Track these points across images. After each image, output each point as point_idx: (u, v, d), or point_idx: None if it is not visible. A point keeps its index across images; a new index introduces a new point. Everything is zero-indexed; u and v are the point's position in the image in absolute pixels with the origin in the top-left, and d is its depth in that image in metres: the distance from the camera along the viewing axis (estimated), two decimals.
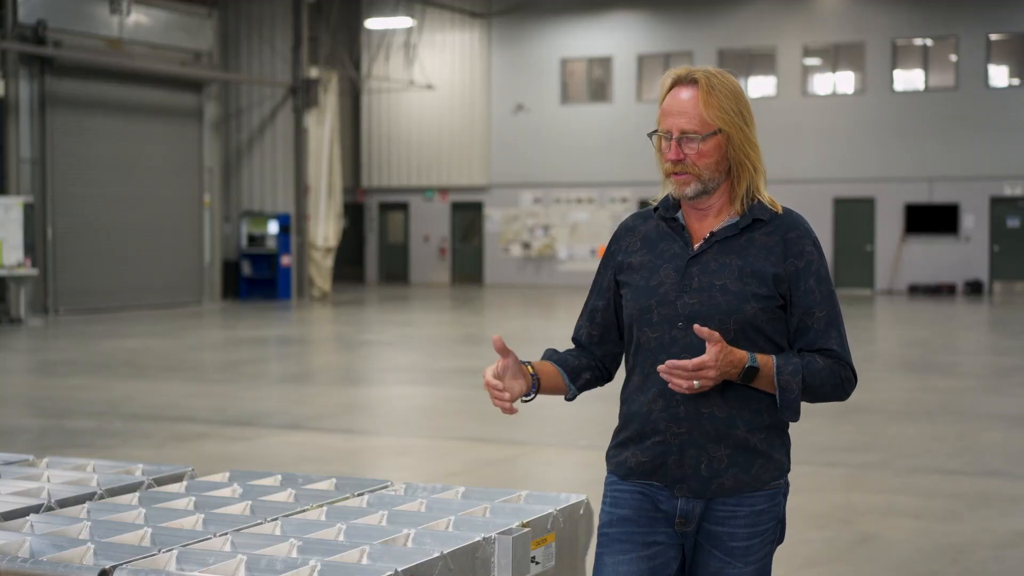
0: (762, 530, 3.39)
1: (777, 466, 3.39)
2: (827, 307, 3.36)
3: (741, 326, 3.29)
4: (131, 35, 28.41)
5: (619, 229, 3.56)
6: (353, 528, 3.75)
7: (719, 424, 3.30)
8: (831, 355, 3.34)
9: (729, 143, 3.33)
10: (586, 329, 3.57)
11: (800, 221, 3.42)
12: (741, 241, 3.35)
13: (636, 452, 3.38)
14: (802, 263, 3.36)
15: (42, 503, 4.10)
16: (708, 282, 3.31)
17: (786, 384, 3.27)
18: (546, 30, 37.21)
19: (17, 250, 24.65)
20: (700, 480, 3.32)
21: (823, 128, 34.55)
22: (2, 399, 14.42)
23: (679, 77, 3.39)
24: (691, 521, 3.35)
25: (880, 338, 22.61)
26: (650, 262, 3.41)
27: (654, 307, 3.35)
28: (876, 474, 9.81)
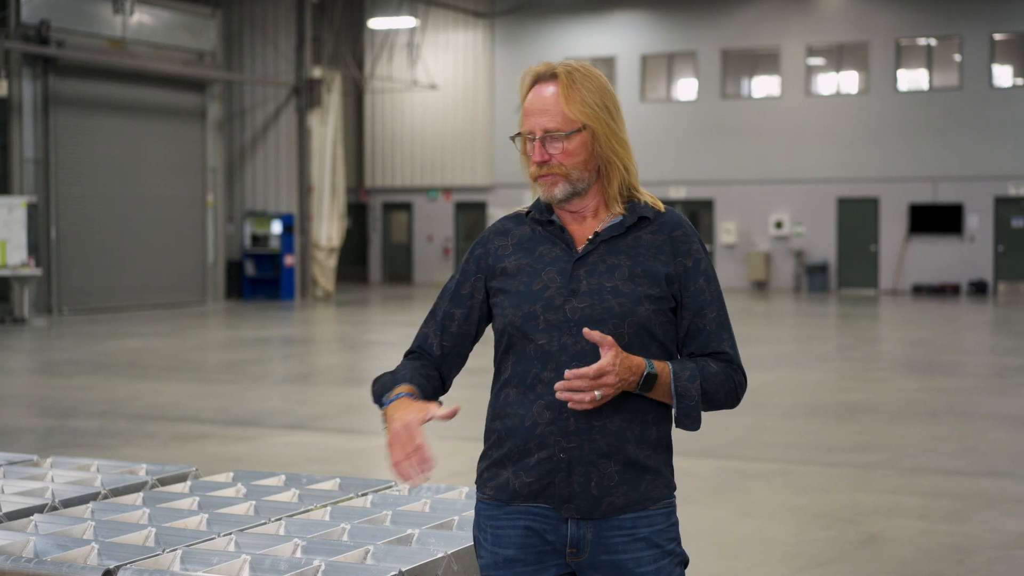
0: (668, 550, 3.11)
1: (666, 483, 3.14)
2: (717, 308, 3.17)
3: (635, 330, 3.06)
4: (134, 35, 28.41)
5: (487, 232, 3.28)
6: (357, 528, 3.75)
7: (611, 438, 3.04)
8: (724, 359, 3.16)
9: (595, 140, 3.10)
10: (436, 339, 3.25)
11: (684, 220, 3.21)
12: (628, 240, 3.14)
13: (519, 472, 3.08)
14: (690, 262, 3.15)
15: (46, 503, 4.10)
16: (598, 284, 3.08)
17: (684, 391, 3.05)
18: (549, 30, 37.21)
19: (21, 250, 24.66)
20: (589, 499, 3.04)
21: (827, 128, 34.53)
22: (6, 399, 14.43)
23: (539, 74, 3.13)
24: (583, 550, 3.07)
25: (884, 338, 22.59)
26: (528, 266, 3.15)
27: (539, 312, 3.08)
28: (880, 474, 9.80)
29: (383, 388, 3.17)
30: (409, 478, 3.00)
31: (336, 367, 18.21)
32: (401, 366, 3.24)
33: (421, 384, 3.17)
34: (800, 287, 34.68)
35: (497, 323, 3.17)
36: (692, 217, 36.06)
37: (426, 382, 3.19)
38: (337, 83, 33.14)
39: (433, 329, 3.26)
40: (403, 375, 3.18)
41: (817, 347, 20.01)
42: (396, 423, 3.01)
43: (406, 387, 3.12)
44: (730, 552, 7.51)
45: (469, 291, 3.24)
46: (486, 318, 3.25)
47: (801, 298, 32.25)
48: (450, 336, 3.24)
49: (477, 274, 3.23)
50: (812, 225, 34.74)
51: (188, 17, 30.05)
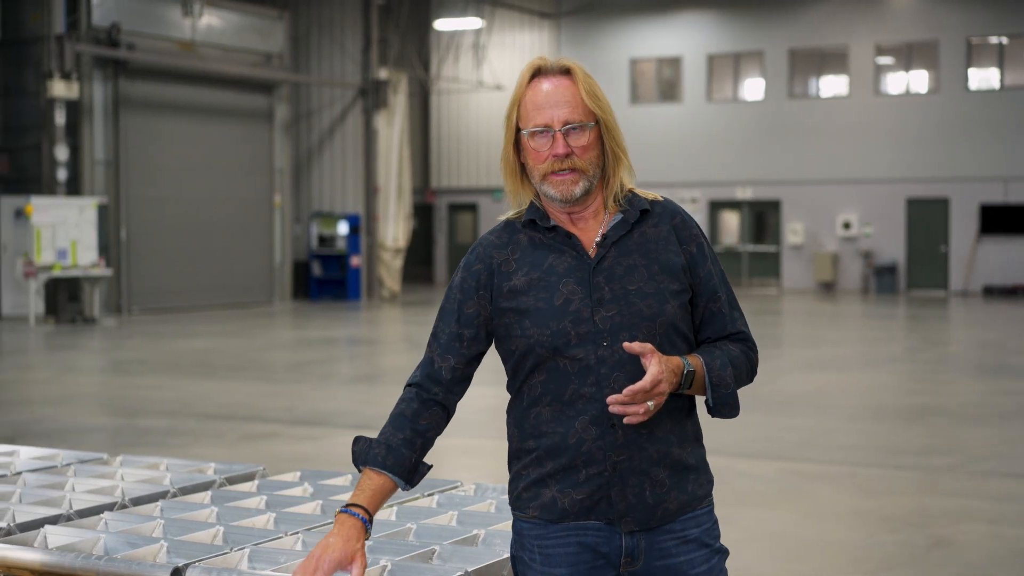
0: (717, 548, 3.08)
1: (707, 479, 3.11)
2: (725, 288, 3.11)
3: (665, 330, 2.99)
4: (203, 37, 28.66)
5: (480, 248, 3.15)
6: (423, 528, 3.76)
7: (659, 444, 2.98)
8: (739, 338, 3.11)
9: (607, 133, 3.03)
10: (447, 364, 3.11)
11: (678, 206, 3.14)
12: (635, 238, 3.04)
13: (567, 490, 2.98)
14: (695, 248, 3.08)
15: (116, 501, 4.14)
16: (621, 289, 2.98)
17: (719, 380, 3.00)
18: (615, 30, 37.12)
19: (91, 250, 24.95)
20: (646, 509, 2.98)
21: (896, 128, 34.20)
22: (76, 398, 14.60)
23: (542, 68, 3.04)
24: (638, 558, 3.00)
25: (954, 340, 22.35)
26: (540, 280, 3.02)
27: (569, 328, 2.96)
28: (949, 478, 9.70)
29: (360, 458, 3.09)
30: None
31: (402, 367, 18.27)
32: (390, 421, 3.11)
33: (400, 458, 3.05)
34: (868, 288, 34.37)
35: (517, 344, 3.04)
36: (758, 218, 35.87)
37: (408, 451, 3.06)
38: (403, 84, 33.25)
39: (439, 354, 3.13)
40: (378, 453, 3.05)
41: (885, 349, 19.83)
42: (319, 548, 2.93)
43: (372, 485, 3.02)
44: (795, 556, 7.46)
45: (475, 310, 3.10)
46: (491, 337, 3.13)
47: (869, 299, 31.97)
48: (461, 359, 3.13)
49: (480, 291, 3.09)
50: (881, 226, 34.42)
51: (256, 19, 30.27)
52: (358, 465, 3.09)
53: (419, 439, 3.08)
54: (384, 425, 3.11)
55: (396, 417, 3.11)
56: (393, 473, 3.04)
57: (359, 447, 3.10)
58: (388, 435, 3.08)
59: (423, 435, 3.09)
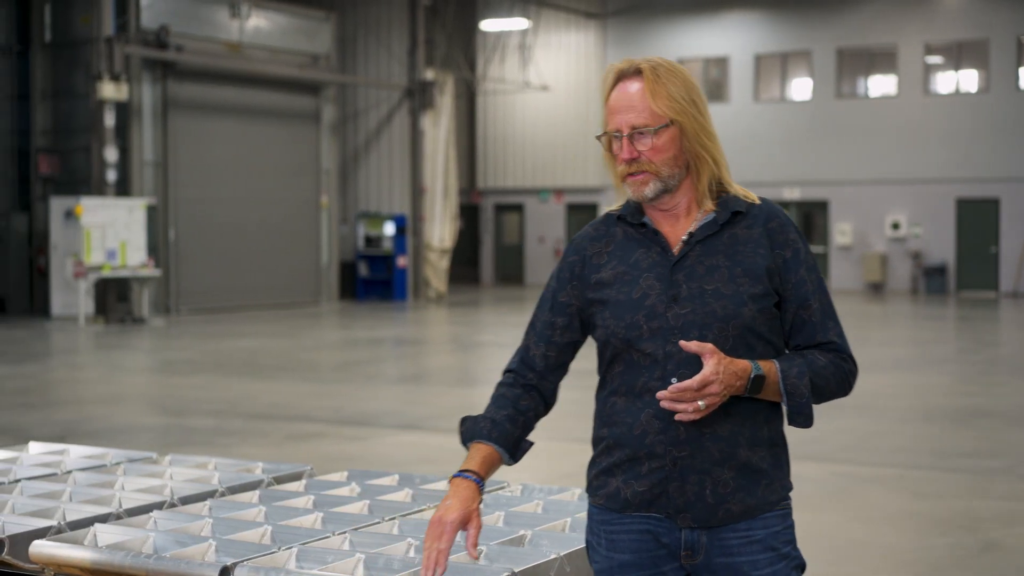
0: (784, 553, 3.07)
1: (782, 485, 3.08)
2: (820, 297, 3.08)
3: (740, 332, 2.99)
4: (251, 39, 28.81)
5: (578, 240, 3.22)
6: None
7: (723, 444, 2.99)
8: (831, 348, 3.08)
9: (683, 135, 3.04)
10: (539, 352, 3.18)
11: (778, 209, 3.12)
12: (724, 239, 3.05)
13: (630, 481, 3.03)
14: (789, 253, 3.06)
15: (165, 500, 4.17)
16: (698, 288, 3.00)
17: (793, 388, 2.99)
18: (662, 30, 37.04)
19: (140, 251, 25.13)
20: (706, 508, 2.99)
21: (946, 128, 33.93)
22: (126, 397, 14.71)
23: (622, 71, 3.12)
24: (698, 552, 3.03)
25: (1004, 342, 22.16)
26: (625, 274, 3.07)
27: (643, 322, 3.01)
28: (1000, 480, 9.61)
29: (467, 435, 3.16)
30: (424, 569, 2.99)
31: (448, 368, 18.29)
32: (492, 401, 3.19)
33: (504, 432, 3.13)
34: (917, 289, 34.13)
35: (599, 333, 3.10)
36: (806, 218, 35.67)
37: (511, 426, 3.14)
38: (449, 85, 33.30)
39: (534, 341, 3.20)
40: (483, 427, 3.13)
41: (935, 350, 19.68)
42: (440, 510, 3.02)
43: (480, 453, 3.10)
44: (845, 558, 7.42)
45: (567, 299, 3.17)
46: (586, 326, 3.17)
47: (918, 300, 31.74)
48: (554, 346, 3.18)
49: (572, 282, 3.17)
50: (930, 226, 34.16)
51: (303, 21, 30.40)
52: (465, 442, 3.16)
53: (521, 417, 3.16)
54: (487, 405, 3.19)
55: (498, 398, 3.19)
56: (498, 445, 3.12)
57: (465, 426, 3.18)
58: (492, 412, 3.16)
59: (524, 414, 3.17)
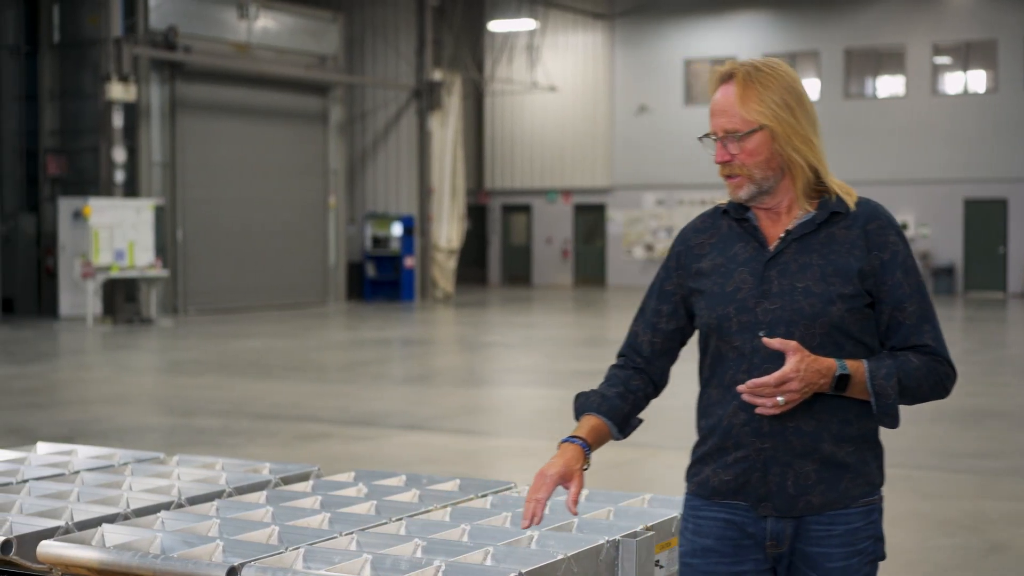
0: (860, 549, 3.13)
1: (868, 480, 3.14)
2: (918, 300, 3.13)
3: (827, 330, 3.05)
4: (258, 40, 28.84)
5: (686, 229, 3.32)
6: (477, 529, 3.76)
7: (805, 438, 3.07)
8: (926, 351, 3.11)
9: (774, 139, 3.08)
10: (647, 337, 3.30)
11: (881, 210, 3.16)
12: (820, 238, 3.11)
13: (717, 470, 3.15)
14: (887, 255, 3.11)
15: (172, 500, 4.18)
16: (789, 285, 3.07)
17: (881, 389, 3.04)
18: (669, 31, 37.04)
19: (148, 251, 25.17)
20: (786, 498, 3.09)
21: (954, 128, 33.89)
22: (133, 398, 14.73)
23: (722, 74, 3.16)
24: (783, 542, 3.13)
25: (1011, 342, 22.13)
26: (723, 266, 3.17)
27: (733, 315, 3.11)
28: (1007, 481, 9.61)
29: (579, 408, 3.28)
30: (524, 517, 3.12)
31: (455, 368, 18.30)
32: (604, 380, 3.33)
33: (614, 406, 3.26)
34: None
35: (697, 323, 3.23)
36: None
37: (621, 402, 3.27)
38: (457, 85, 33.31)
39: (643, 327, 3.32)
40: (594, 400, 3.26)
41: None
42: (546, 465, 3.13)
43: (590, 423, 3.22)
44: None
45: (673, 287, 3.28)
46: (691, 315, 3.28)
47: None
48: (659, 333, 3.30)
49: (677, 270, 3.28)
50: (938, 227, 34.13)
51: (311, 21, 30.43)
52: (577, 415, 3.28)
53: (631, 396, 3.29)
54: (600, 384, 3.33)
55: (609, 377, 3.32)
56: (607, 418, 3.24)
57: (579, 401, 3.29)
58: (603, 388, 3.30)
59: (634, 393, 3.29)
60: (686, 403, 3.24)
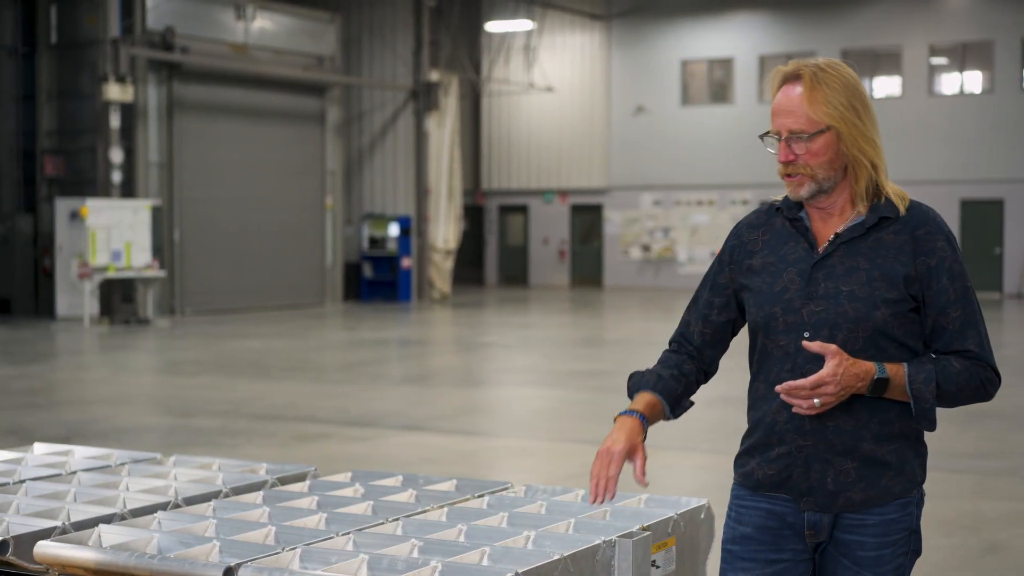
0: (893, 540, 3.22)
1: (909, 478, 3.23)
2: (963, 305, 3.19)
3: (870, 334, 3.13)
4: (256, 40, 28.84)
5: (740, 225, 3.40)
6: (474, 529, 3.76)
7: (845, 437, 3.16)
8: (968, 356, 3.17)
9: (840, 140, 3.16)
10: (698, 327, 3.41)
11: (931, 216, 3.22)
12: (868, 242, 3.18)
13: (762, 464, 3.25)
14: (934, 261, 3.17)
15: (169, 501, 4.17)
16: (835, 288, 3.15)
17: (919, 393, 3.12)
18: (666, 31, 37.05)
19: (145, 252, 25.16)
20: (827, 494, 3.19)
21: (950, 128, 33.92)
22: (131, 398, 14.72)
23: (787, 74, 3.22)
24: (821, 532, 3.23)
25: (1008, 343, 22.14)
26: (773, 265, 3.25)
27: (779, 315, 3.20)
28: (1005, 481, 9.61)
29: (633, 387, 3.37)
30: (593, 495, 3.19)
31: (452, 369, 18.30)
32: (658, 362, 3.42)
33: (668, 387, 3.35)
34: None
35: (748, 318, 3.33)
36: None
37: (675, 383, 3.36)
38: (454, 86, 33.31)
39: (695, 317, 3.43)
40: (649, 379, 3.36)
41: None
42: (608, 441, 3.22)
43: (645, 399, 3.31)
44: None
45: (725, 281, 3.38)
46: (742, 308, 3.36)
47: None
48: (711, 324, 3.40)
49: (731, 265, 3.37)
50: None
51: (308, 22, 30.42)
52: (631, 393, 3.38)
53: (684, 379, 3.38)
54: (652, 366, 3.43)
55: (663, 360, 3.42)
56: (662, 397, 3.34)
57: (632, 380, 3.40)
58: (658, 369, 3.39)
59: (686, 376, 3.39)
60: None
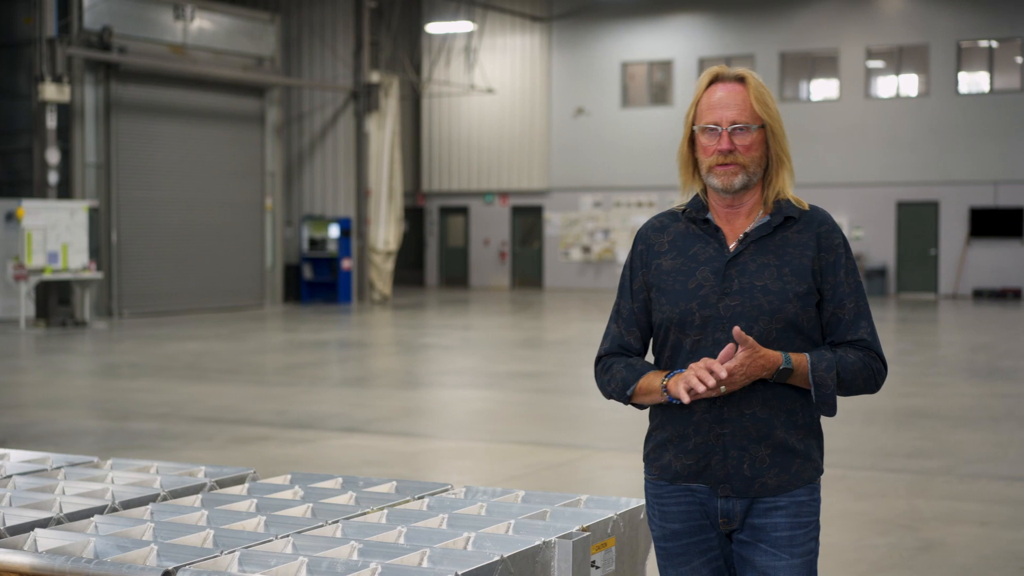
0: (804, 522, 3.41)
1: (814, 466, 3.43)
2: (856, 298, 3.41)
3: (783, 326, 3.33)
4: (195, 41, 28.65)
5: (643, 230, 3.57)
6: (413, 531, 3.76)
7: (760, 424, 3.34)
8: (862, 346, 3.40)
9: (772, 138, 3.40)
10: (634, 334, 3.53)
11: (827, 216, 3.47)
12: (776, 240, 3.40)
13: (679, 454, 3.41)
14: (832, 257, 3.40)
15: (106, 504, 4.14)
16: (749, 283, 3.35)
17: (821, 380, 3.31)
18: (606, 33, 37.16)
19: (82, 254, 24.92)
20: (743, 480, 3.36)
21: (886, 131, 34.25)
22: (67, 401, 14.58)
23: (720, 74, 3.43)
24: (734, 519, 3.40)
25: (944, 343, 22.39)
26: (683, 265, 3.42)
27: (695, 310, 3.37)
28: (940, 480, 9.72)
29: (624, 383, 3.44)
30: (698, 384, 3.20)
31: (393, 370, 18.27)
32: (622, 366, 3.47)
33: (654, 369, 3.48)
34: None
35: (655, 317, 3.46)
36: None
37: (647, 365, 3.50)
38: (395, 87, 33.25)
39: (625, 328, 3.54)
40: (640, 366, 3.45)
41: None
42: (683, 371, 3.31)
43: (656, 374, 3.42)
44: None
45: (640, 285, 3.51)
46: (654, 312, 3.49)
47: None
48: (643, 328, 3.53)
49: (642, 268, 3.51)
50: (871, 229, 34.47)
51: (247, 23, 30.26)
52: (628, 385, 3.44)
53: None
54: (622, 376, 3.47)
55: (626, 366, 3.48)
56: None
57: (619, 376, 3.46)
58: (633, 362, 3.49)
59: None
60: (618, 406, 3.26)
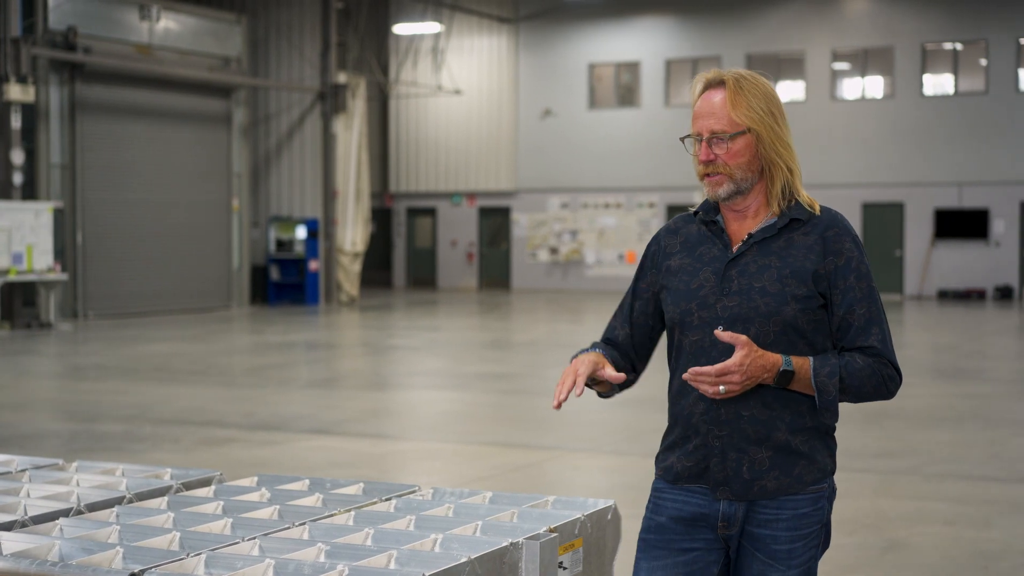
0: (805, 534, 3.37)
1: (820, 468, 3.37)
2: (867, 304, 3.35)
3: (781, 328, 3.29)
4: (161, 41, 28.53)
5: (661, 230, 3.58)
6: (381, 533, 3.76)
7: (759, 426, 3.31)
8: (872, 352, 3.33)
9: (760, 142, 3.35)
10: (624, 331, 3.57)
11: (839, 219, 3.41)
12: (780, 242, 3.36)
13: (681, 457, 3.40)
14: (841, 260, 3.34)
15: (71, 507, 4.12)
16: (747, 284, 3.33)
17: (822, 386, 3.26)
18: (574, 35, 37.20)
19: (47, 255, 24.78)
20: (742, 483, 3.33)
21: (852, 133, 34.43)
22: (32, 403, 14.50)
23: (709, 80, 3.42)
24: (733, 524, 3.36)
25: (909, 344, 22.51)
26: (689, 265, 3.42)
27: (694, 310, 3.36)
28: (905, 480, 9.77)
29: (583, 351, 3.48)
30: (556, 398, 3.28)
31: (360, 372, 18.24)
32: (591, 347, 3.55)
33: (615, 358, 3.49)
34: None
35: (665, 318, 3.48)
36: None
37: (619, 358, 3.51)
38: (362, 88, 33.20)
39: (620, 322, 3.59)
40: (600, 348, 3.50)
41: None
42: (572, 363, 3.37)
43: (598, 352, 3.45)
44: None
45: (646, 286, 3.54)
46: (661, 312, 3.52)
47: None
48: (636, 328, 3.55)
49: (652, 269, 3.53)
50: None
51: (214, 23, 30.16)
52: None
53: (623, 361, 3.54)
54: None
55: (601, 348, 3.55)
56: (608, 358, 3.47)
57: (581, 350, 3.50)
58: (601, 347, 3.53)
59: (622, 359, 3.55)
60: (586, 406, 3.27)
